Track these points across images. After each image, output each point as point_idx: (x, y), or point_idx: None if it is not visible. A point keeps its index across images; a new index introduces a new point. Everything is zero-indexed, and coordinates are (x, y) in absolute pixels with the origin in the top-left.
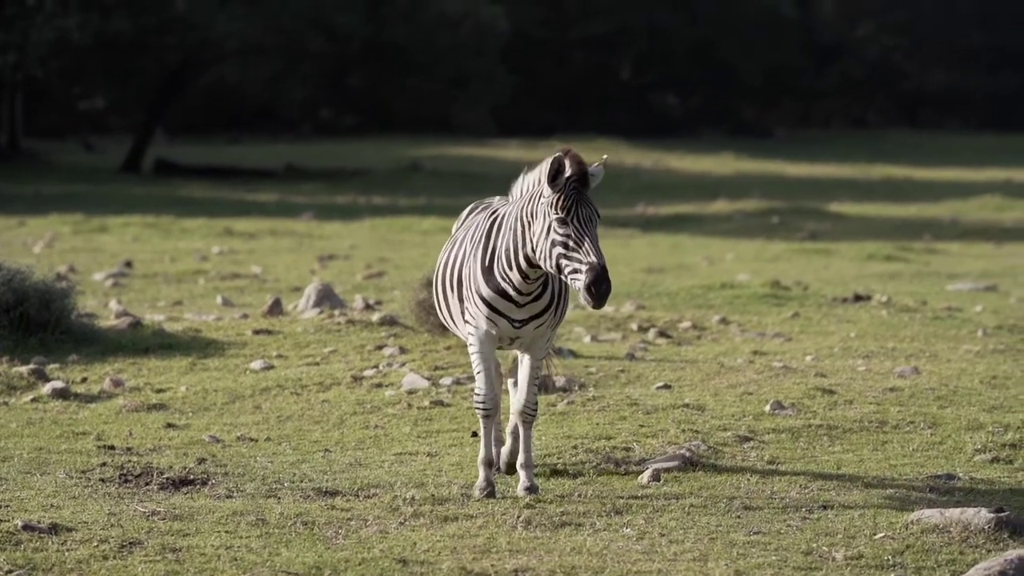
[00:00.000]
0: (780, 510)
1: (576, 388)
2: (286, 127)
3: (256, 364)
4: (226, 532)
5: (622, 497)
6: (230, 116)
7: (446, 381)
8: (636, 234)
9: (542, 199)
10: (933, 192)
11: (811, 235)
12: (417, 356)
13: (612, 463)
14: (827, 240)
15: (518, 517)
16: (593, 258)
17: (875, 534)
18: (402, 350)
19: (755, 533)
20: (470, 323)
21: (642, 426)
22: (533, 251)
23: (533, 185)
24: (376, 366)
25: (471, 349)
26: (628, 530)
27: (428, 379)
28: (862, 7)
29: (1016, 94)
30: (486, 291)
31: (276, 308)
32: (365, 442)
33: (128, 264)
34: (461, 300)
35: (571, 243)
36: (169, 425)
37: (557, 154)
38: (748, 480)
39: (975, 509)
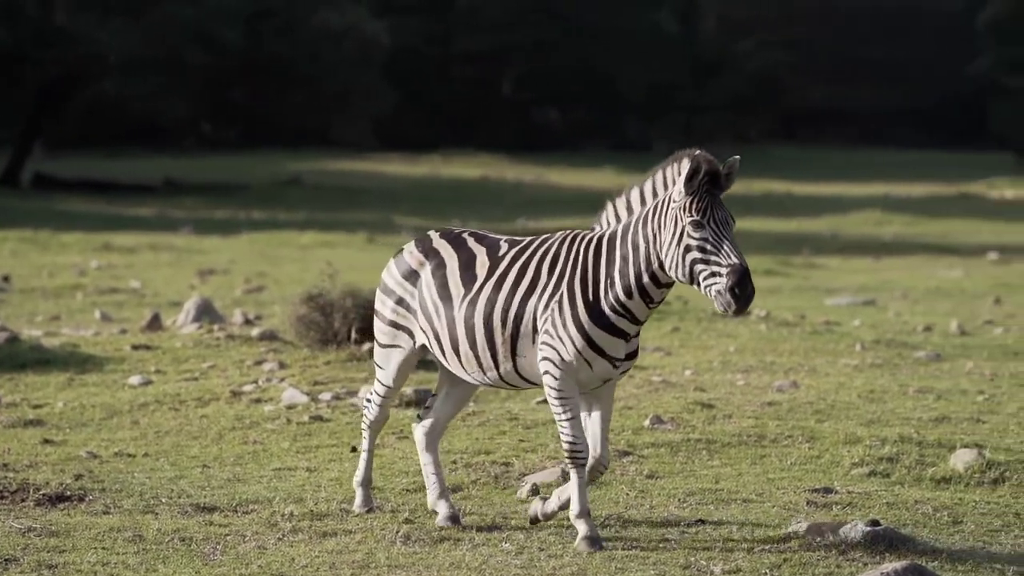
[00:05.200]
0: (659, 524)
1: None
2: (167, 141)
3: (134, 379)
4: (103, 548)
5: (501, 512)
6: (111, 130)
7: (325, 396)
8: None
9: (671, 206)
10: (813, 207)
11: None
12: (296, 371)
13: (491, 478)
14: None
15: (397, 532)
16: (734, 259)
17: (753, 548)
18: (281, 365)
19: (633, 547)
20: (553, 368)
21: (522, 440)
22: (661, 267)
23: (651, 195)
24: (255, 381)
25: (555, 394)
26: (507, 545)
27: (307, 394)
28: (744, 23)
29: (896, 110)
30: (592, 329)
31: (155, 323)
32: (244, 457)
33: (5, 279)
34: (515, 341)
35: (708, 246)
36: (46, 441)
37: (695, 153)
38: (627, 494)
39: (852, 523)
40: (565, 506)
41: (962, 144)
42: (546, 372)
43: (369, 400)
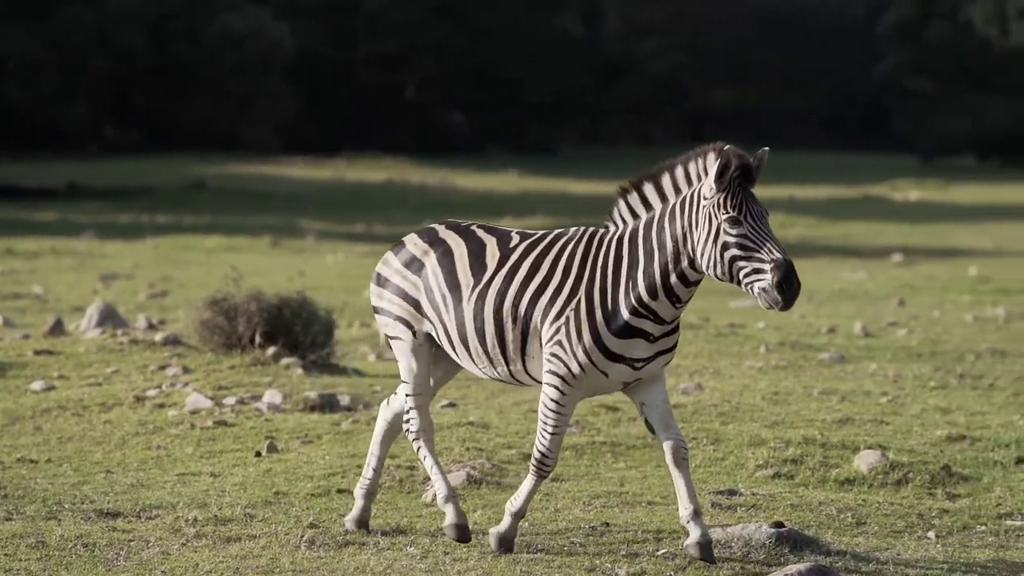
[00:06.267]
0: (564, 527)
1: (361, 407)
2: (70, 145)
3: (37, 385)
4: (5, 555)
5: (406, 516)
6: (12, 134)
7: (229, 401)
8: None
9: (702, 203)
10: None
11: None
12: (200, 376)
13: (396, 482)
14: None
15: (301, 537)
16: (778, 254)
17: (658, 550)
18: (185, 370)
19: (539, 551)
20: (559, 381)
21: None
22: (692, 266)
23: (672, 191)
24: (159, 386)
25: (552, 405)
26: (412, 548)
27: (211, 399)
28: (648, 25)
29: (800, 112)
30: (610, 338)
31: (58, 328)
32: (147, 463)
33: None
34: (524, 336)
35: (748, 242)
36: None
37: (725, 148)
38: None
39: (756, 524)
40: (521, 512)
41: (865, 146)
42: (551, 385)
43: (409, 411)
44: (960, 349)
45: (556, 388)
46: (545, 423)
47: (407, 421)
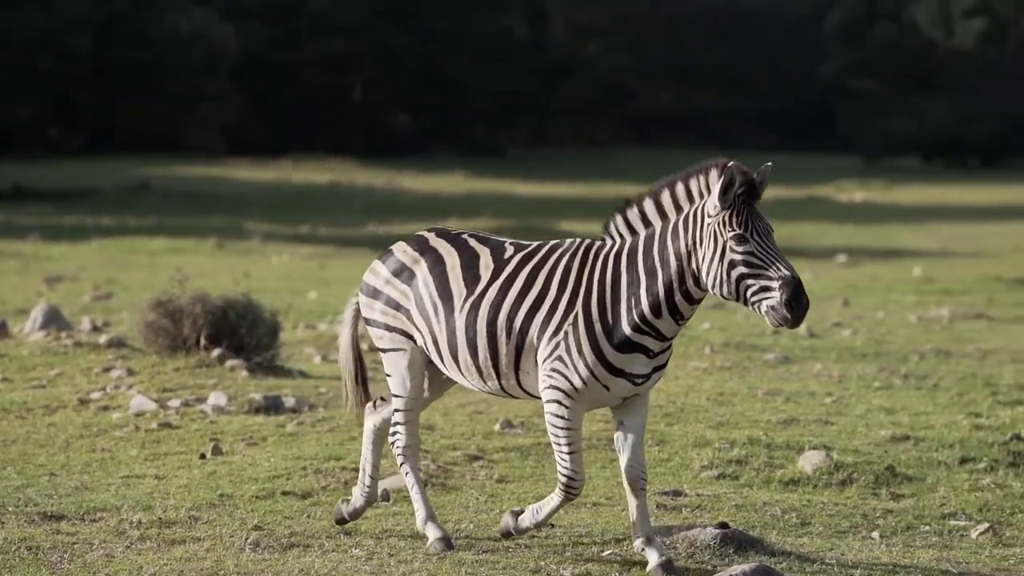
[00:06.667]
0: None
1: (306, 408)
2: (15, 147)
3: None
4: None
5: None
6: None
7: (174, 403)
8: (367, 254)
9: (707, 220)
10: None
11: None
12: (145, 378)
13: (341, 484)
14: None
15: (246, 539)
16: (785, 271)
17: (603, 551)
18: (130, 372)
19: (484, 552)
20: (562, 396)
21: None
22: (697, 284)
23: (672, 208)
24: (103, 388)
25: (560, 423)
26: (357, 551)
27: (156, 401)
28: (593, 27)
29: (745, 113)
30: (611, 352)
31: (1, 331)
32: (92, 465)
33: None
34: (519, 351)
35: (755, 260)
36: None
37: (727, 164)
38: (477, 499)
39: (701, 525)
40: (541, 524)
41: (810, 147)
42: (553, 400)
43: (395, 426)
44: (904, 349)
45: (559, 403)
46: (559, 443)
47: (394, 435)
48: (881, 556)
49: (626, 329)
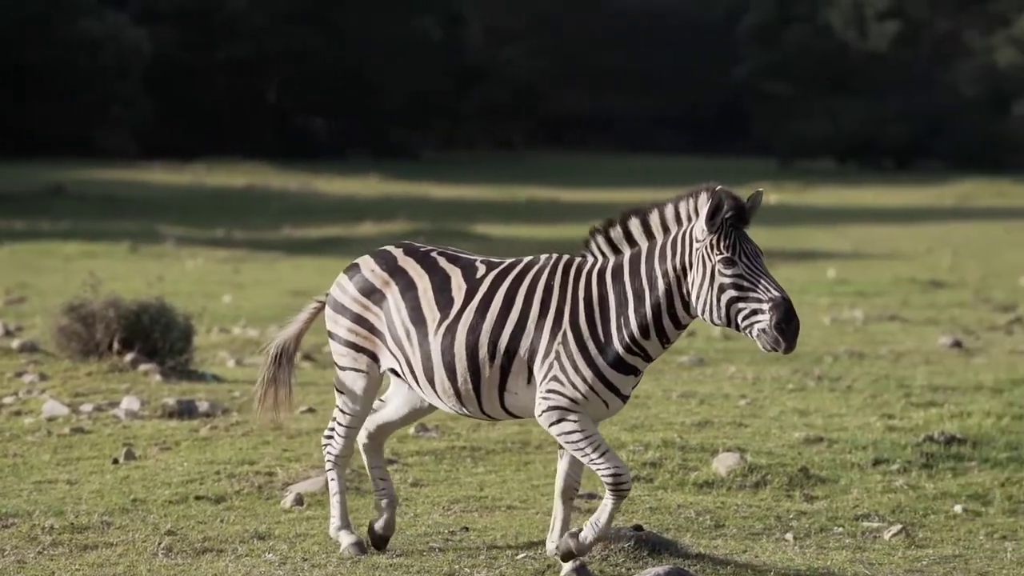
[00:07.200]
0: (423, 532)
1: (219, 413)
2: None
3: None
4: None
5: (264, 522)
6: None
7: (87, 408)
8: (281, 257)
9: (695, 245)
10: (576, 213)
11: None
12: (57, 383)
13: (255, 488)
14: None
15: (159, 544)
16: (775, 293)
17: (517, 554)
18: (42, 377)
19: (398, 556)
20: (567, 413)
21: (285, 450)
22: (685, 308)
23: (659, 230)
24: (15, 393)
25: (576, 436)
26: (271, 555)
27: (68, 406)
28: (507, 30)
29: (660, 116)
30: (607, 369)
31: None
32: (3, 471)
33: None
34: (505, 374)
35: (744, 283)
36: None
37: (716, 188)
38: None
39: (616, 527)
40: (604, 535)
41: (724, 149)
42: (557, 421)
43: (331, 434)
44: (818, 351)
45: (565, 420)
46: (585, 454)
47: (329, 439)
48: (795, 558)
49: (619, 348)
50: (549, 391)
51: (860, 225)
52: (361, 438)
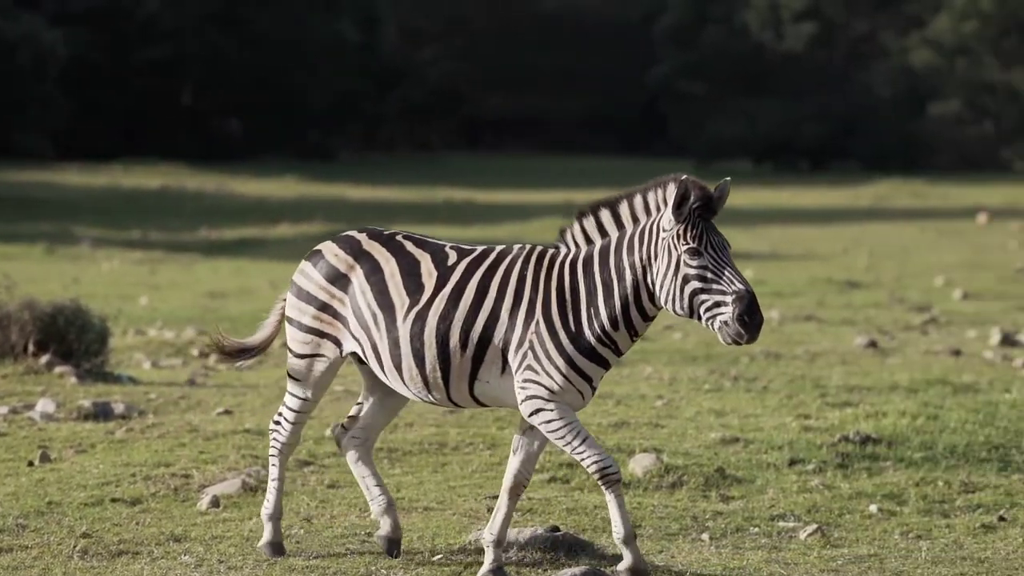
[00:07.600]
0: (340, 534)
1: (136, 415)
2: None
3: None
4: None
5: (181, 524)
6: None
7: (1, 410)
8: (198, 259)
9: (661, 235)
10: (494, 214)
11: None
12: None
13: (171, 490)
14: None
15: (74, 547)
16: (739, 285)
17: (434, 555)
18: None
19: (314, 558)
20: (544, 403)
21: (202, 452)
22: (652, 300)
23: (629, 220)
24: None
25: (554, 425)
26: (186, 557)
27: None
28: (425, 32)
29: (577, 117)
30: (579, 358)
31: None
32: None
33: None
34: (477, 363)
35: (709, 274)
36: None
37: (682, 178)
38: (308, 504)
39: (532, 528)
40: (630, 532)
41: (642, 150)
42: (537, 410)
43: (279, 420)
44: (734, 352)
45: (543, 409)
46: (566, 441)
47: (277, 426)
48: (711, 558)
49: (591, 339)
50: (525, 380)
51: (777, 226)
52: (351, 456)
